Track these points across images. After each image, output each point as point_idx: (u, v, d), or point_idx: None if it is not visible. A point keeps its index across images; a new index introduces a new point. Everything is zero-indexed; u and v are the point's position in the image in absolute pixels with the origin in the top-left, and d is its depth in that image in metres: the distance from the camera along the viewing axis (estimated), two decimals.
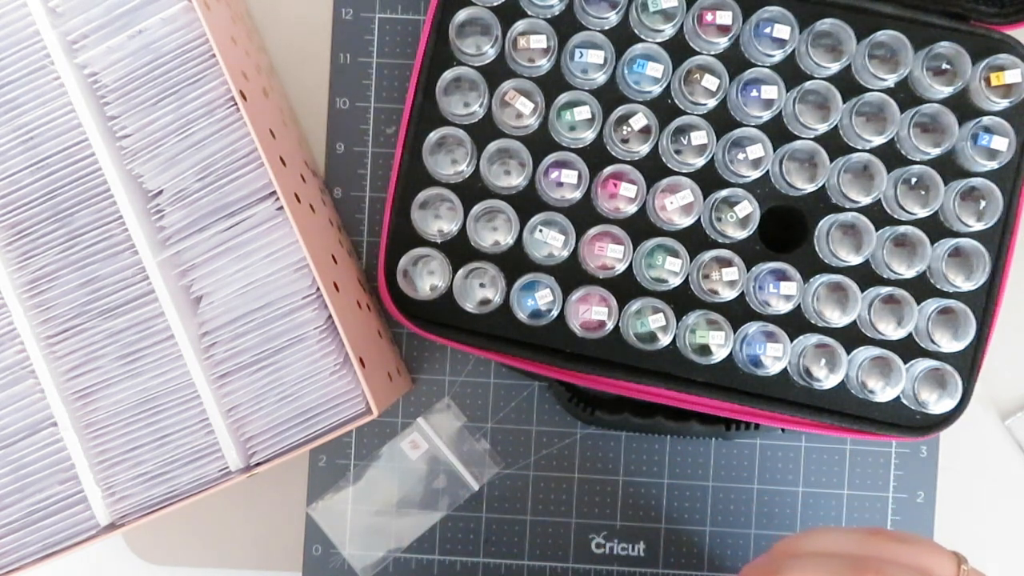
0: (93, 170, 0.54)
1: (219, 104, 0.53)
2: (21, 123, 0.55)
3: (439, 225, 0.57)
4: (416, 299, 0.56)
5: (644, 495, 0.63)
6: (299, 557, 0.64)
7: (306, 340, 0.53)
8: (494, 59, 0.57)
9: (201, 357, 0.54)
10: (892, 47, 0.56)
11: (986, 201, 0.55)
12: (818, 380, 0.55)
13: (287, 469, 0.62)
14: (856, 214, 0.56)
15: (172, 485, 0.54)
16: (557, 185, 0.56)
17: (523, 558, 0.63)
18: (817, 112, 0.56)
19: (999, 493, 0.63)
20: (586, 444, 0.63)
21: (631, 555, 0.63)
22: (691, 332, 0.55)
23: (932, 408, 0.56)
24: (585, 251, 0.56)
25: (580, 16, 0.57)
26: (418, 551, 0.63)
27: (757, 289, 0.56)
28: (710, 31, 0.56)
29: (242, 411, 0.54)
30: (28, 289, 0.55)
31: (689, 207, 0.55)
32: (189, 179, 0.54)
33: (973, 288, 0.55)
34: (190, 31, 0.54)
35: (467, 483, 0.63)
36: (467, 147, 0.56)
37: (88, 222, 0.54)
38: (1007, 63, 0.55)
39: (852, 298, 0.55)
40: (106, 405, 0.55)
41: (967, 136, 0.55)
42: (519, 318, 0.56)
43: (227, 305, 0.54)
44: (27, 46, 0.55)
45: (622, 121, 0.56)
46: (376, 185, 0.64)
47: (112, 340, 0.54)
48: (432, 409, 0.64)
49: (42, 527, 0.54)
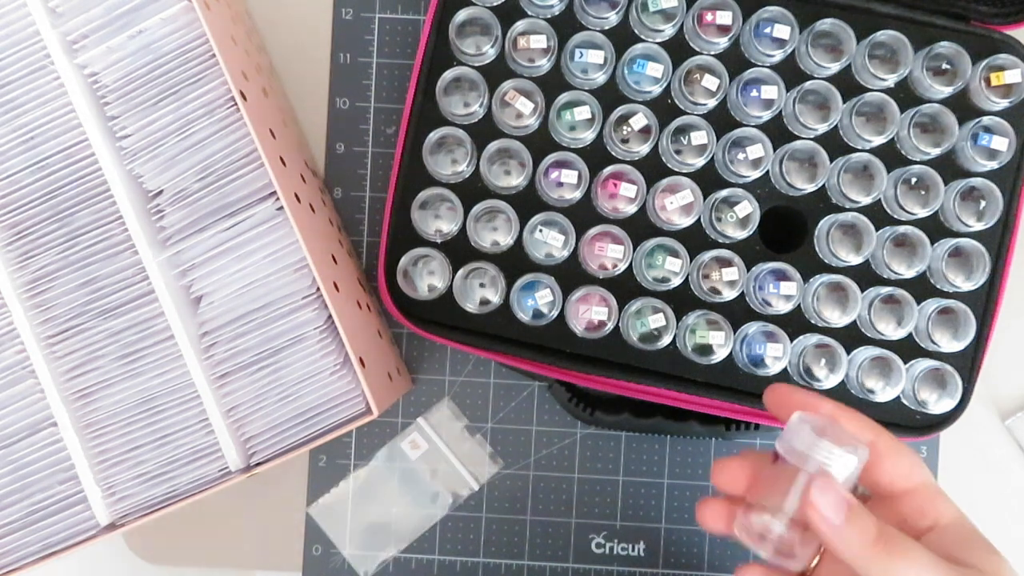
0: (93, 170, 0.54)
1: (219, 104, 0.53)
2: (21, 123, 0.55)
3: (439, 225, 0.57)
4: (416, 299, 0.56)
5: (644, 495, 0.63)
6: (299, 557, 0.64)
7: (306, 340, 0.53)
8: (494, 59, 0.57)
9: (201, 357, 0.54)
10: (892, 47, 0.56)
11: (986, 201, 0.55)
12: (818, 380, 0.55)
13: (287, 469, 0.62)
14: (856, 214, 0.56)
15: (172, 485, 0.54)
16: (557, 185, 0.56)
17: (523, 558, 0.63)
18: (817, 112, 0.56)
19: (999, 493, 0.63)
20: (586, 444, 0.63)
21: (631, 555, 0.63)
22: (691, 332, 0.55)
23: (932, 408, 0.56)
24: (585, 251, 0.56)
25: (580, 16, 0.57)
26: (418, 551, 0.63)
27: (757, 289, 0.56)
28: (710, 31, 0.56)
29: (242, 411, 0.54)
30: (28, 289, 0.55)
31: (689, 207, 0.55)
32: (189, 179, 0.54)
33: (973, 288, 0.55)
34: (190, 31, 0.54)
35: (467, 483, 0.63)
36: (467, 147, 0.56)
37: (88, 222, 0.54)
38: (1007, 63, 0.55)
39: (852, 298, 0.55)
40: (106, 405, 0.55)
41: (967, 136, 0.55)
42: (519, 318, 0.56)
43: (227, 305, 0.54)
44: (27, 46, 0.55)
45: (622, 121, 0.56)
46: (376, 185, 0.64)
47: (112, 340, 0.54)
48: (432, 409, 0.64)
49: (42, 527, 0.54)
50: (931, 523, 0.44)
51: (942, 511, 0.44)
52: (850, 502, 0.42)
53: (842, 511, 0.41)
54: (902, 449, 0.45)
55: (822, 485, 0.42)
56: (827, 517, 0.41)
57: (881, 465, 0.45)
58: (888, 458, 0.45)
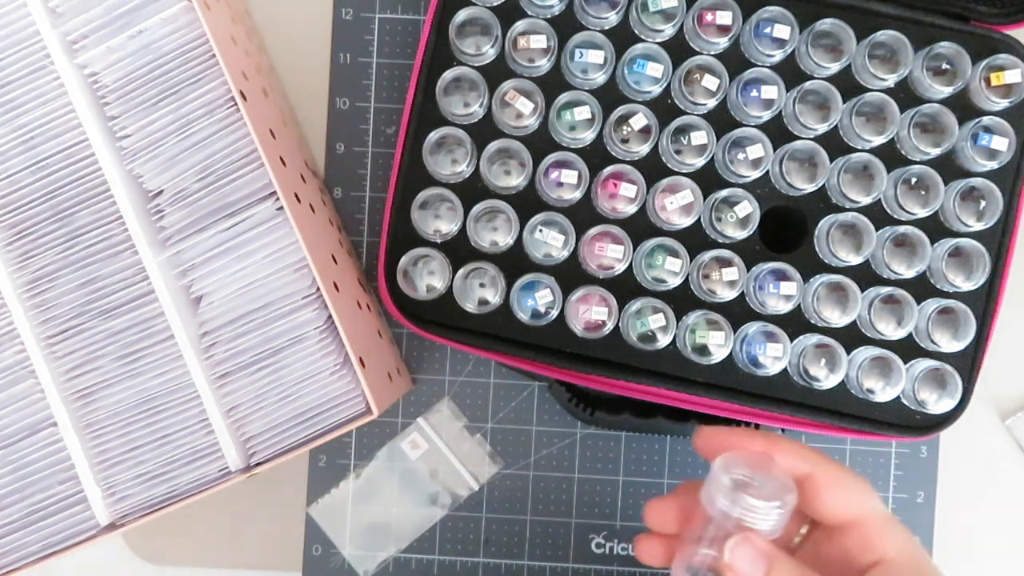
0: (93, 170, 0.54)
1: (219, 104, 0.53)
2: (21, 123, 0.55)
3: (439, 225, 0.57)
4: (416, 299, 0.56)
5: (644, 495, 0.63)
6: (299, 557, 0.64)
7: (306, 340, 0.53)
8: (494, 59, 0.57)
9: (201, 357, 0.54)
10: (892, 47, 0.56)
11: (986, 201, 0.55)
12: (818, 380, 0.55)
13: (287, 469, 0.62)
14: (856, 214, 0.56)
15: (172, 485, 0.54)
16: (557, 185, 0.56)
17: (523, 558, 0.63)
18: (817, 112, 0.56)
19: (999, 493, 0.63)
20: (586, 444, 0.63)
21: (631, 555, 0.63)
22: (691, 332, 0.55)
23: (932, 408, 0.56)
24: (585, 251, 0.56)
25: (580, 16, 0.57)
26: (418, 551, 0.63)
27: (757, 289, 0.56)
28: (710, 31, 0.56)
29: (242, 411, 0.54)
30: (28, 289, 0.55)
31: (689, 207, 0.55)
32: (189, 179, 0.54)
33: (973, 288, 0.55)
34: (190, 31, 0.54)
35: (467, 483, 0.63)
36: (467, 147, 0.56)
37: (88, 222, 0.54)
38: (1007, 63, 0.55)
39: (852, 298, 0.55)
40: (106, 405, 0.55)
41: (967, 136, 0.55)
42: (519, 318, 0.56)
43: (227, 305, 0.54)
44: (27, 46, 0.55)
45: (622, 121, 0.56)
46: (376, 185, 0.64)
47: (112, 340, 0.54)
48: (432, 409, 0.64)
49: (42, 527, 0.54)
50: (877, 557, 0.42)
51: (889, 545, 0.43)
52: (770, 556, 0.40)
53: (761, 567, 0.40)
54: (844, 480, 0.44)
55: (739, 542, 0.40)
56: (744, 574, 0.40)
57: (820, 498, 0.43)
58: (828, 490, 0.43)
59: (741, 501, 0.41)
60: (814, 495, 0.43)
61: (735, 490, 0.41)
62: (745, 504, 0.41)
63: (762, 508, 0.41)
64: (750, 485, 0.42)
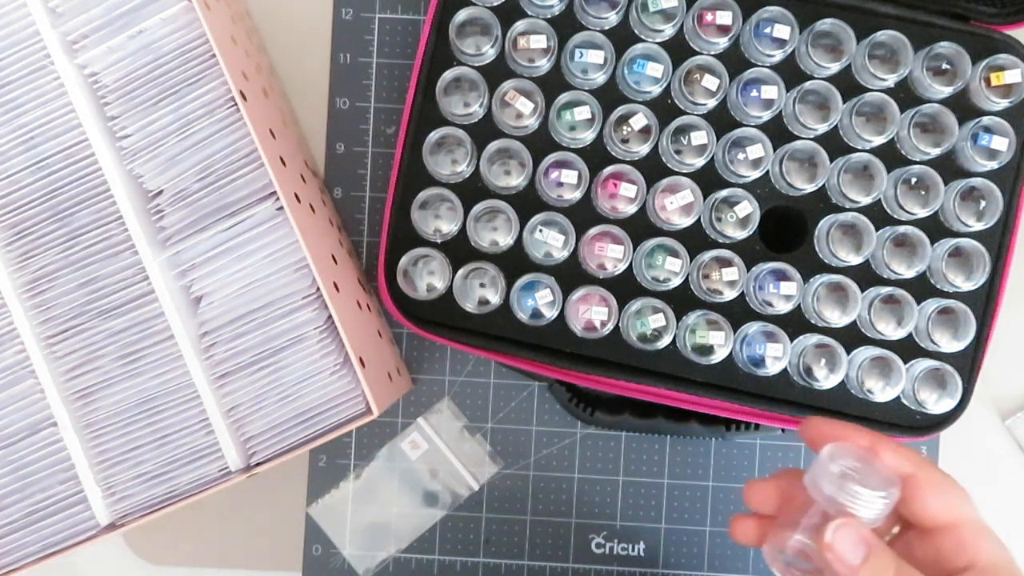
0: (93, 170, 0.54)
1: (219, 104, 0.53)
2: (21, 123, 0.55)
3: (439, 225, 0.57)
4: (416, 299, 0.56)
5: (644, 495, 0.63)
6: (299, 557, 0.64)
7: (306, 340, 0.53)
8: (494, 59, 0.57)
9: (201, 357, 0.54)
10: (892, 47, 0.56)
11: (986, 201, 0.55)
12: (818, 380, 0.55)
13: (287, 469, 0.62)
14: (856, 214, 0.56)
15: (172, 485, 0.54)
16: (557, 185, 0.56)
17: (523, 558, 0.63)
18: (817, 112, 0.56)
19: (999, 493, 0.63)
20: (586, 444, 0.63)
21: (631, 555, 0.63)
22: (691, 332, 0.55)
23: (932, 408, 0.56)
24: (585, 251, 0.56)
25: (580, 16, 0.57)
26: (418, 551, 0.63)
27: (757, 289, 0.56)
28: (710, 31, 0.56)
29: (242, 411, 0.54)
30: (28, 289, 0.55)
31: (689, 207, 0.55)
32: (189, 179, 0.54)
33: (973, 288, 0.55)
34: (190, 31, 0.54)
35: (467, 483, 0.63)
36: (467, 147, 0.56)
37: (88, 222, 0.54)
38: (1007, 63, 0.55)
39: (852, 298, 0.55)
40: (106, 405, 0.55)
41: (967, 136, 0.55)
42: (519, 318, 0.56)
43: (227, 305, 0.54)
44: (27, 46, 0.55)
45: (622, 121, 0.56)
46: (376, 185, 0.64)
47: (112, 340, 0.54)
48: (432, 409, 0.64)
49: (42, 527, 0.54)
50: (968, 562, 0.43)
51: (982, 550, 0.43)
52: (870, 543, 0.41)
53: (861, 552, 0.41)
54: (945, 484, 0.44)
55: (842, 525, 0.41)
56: (844, 558, 0.41)
57: (922, 499, 0.43)
58: (928, 493, 0.43)
59: (847, 487, 0.42)
60: (916, 496, 0.44)
61: (842, 477, 0.42)
62: (851, 491, 0.42)
63: (867, 496, 0.42)
64: (855, 475, 0.42)
